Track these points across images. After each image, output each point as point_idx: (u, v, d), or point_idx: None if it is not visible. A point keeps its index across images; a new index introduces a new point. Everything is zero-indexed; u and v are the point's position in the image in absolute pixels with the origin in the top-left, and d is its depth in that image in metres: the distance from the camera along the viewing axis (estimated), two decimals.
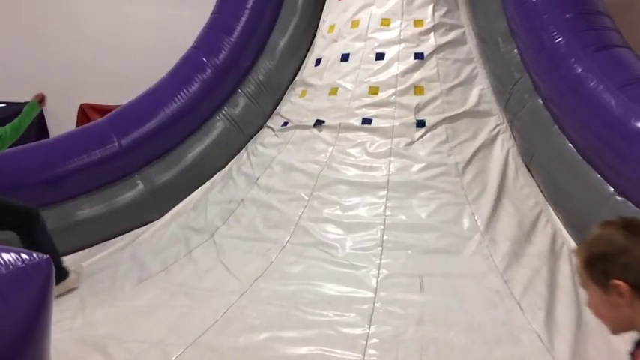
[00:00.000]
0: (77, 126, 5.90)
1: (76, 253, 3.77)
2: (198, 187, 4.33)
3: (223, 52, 4.39)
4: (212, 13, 4.68)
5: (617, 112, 3.00)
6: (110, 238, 3.92)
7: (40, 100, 3.45)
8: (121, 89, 5.95)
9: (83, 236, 3.87)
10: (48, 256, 1.47)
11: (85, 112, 6.07)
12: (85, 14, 6.45)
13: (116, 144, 3.98)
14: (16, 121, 3.30)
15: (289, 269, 3.13)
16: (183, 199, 4.26)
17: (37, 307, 1.46)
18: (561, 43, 3.47)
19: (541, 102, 3.67)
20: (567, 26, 3.50)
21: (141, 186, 4.07)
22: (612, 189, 3.02)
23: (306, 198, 3.54)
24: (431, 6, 4.26)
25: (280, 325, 2.63)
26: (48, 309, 1.50)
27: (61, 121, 6.14)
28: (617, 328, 1.36)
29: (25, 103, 3.43)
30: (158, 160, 4.19)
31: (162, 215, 4.11)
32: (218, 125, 4.40)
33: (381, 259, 3.05)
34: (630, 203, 2.90)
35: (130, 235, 3.98)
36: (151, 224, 4.06)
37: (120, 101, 5.38)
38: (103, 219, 3.93)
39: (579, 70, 3.30)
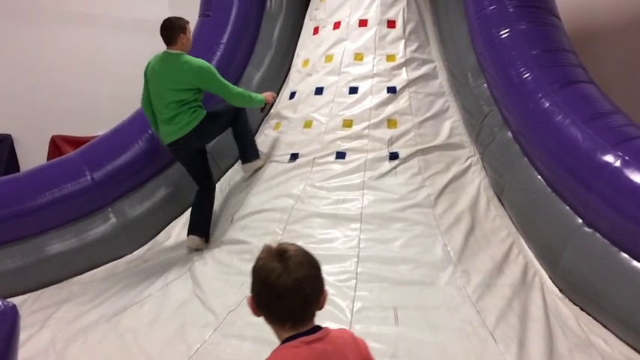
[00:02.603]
0: (49, 158, 5.84)
1: (47, 288, 3.70)
2: (172, 221, 4.31)
3: None
4: None
5: (583, 146, 3.10)
6: (81, 273, 3.86)
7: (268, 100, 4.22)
8: (93, 121, 5.95)
9: (53, 271, 3.80)
10: (14, 304, 1.46)
11: (57, 144, 6.01)
12: (57, 44, 6.42)
13: (88, 177, 3.94)
14: (245, 91, 4.04)
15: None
16: (157, 232, 4.23)
17: (2, 354, 1.43)
18: (529, 78, 3.58)
19: (510, 135, 3.77)
20: (534, 62, 3.62)
21: (113, 219, 4.02)
22: (581, 220, 3.09)
23: (280, 232, 3.53)
24: (402, 42, 4.37)
25: None
26: (13, 355, 1.47)
27: (32, 153, 6.08)
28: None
29: None
30: (132, 193, 4.15)
31: (135, 249, 4.07)
32: None
33: (355, 292, 3.04)
34: (598, 234, 2.97)
35: (102, 269, 3.92)
36: (125, 258, 4.02)
37: (93, 132, 5.36)
38: (74, 253, 3.88)
39: (547, 104, 3.40)
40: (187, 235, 3.92)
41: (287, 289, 1.39)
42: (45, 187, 3.86)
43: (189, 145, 3.91)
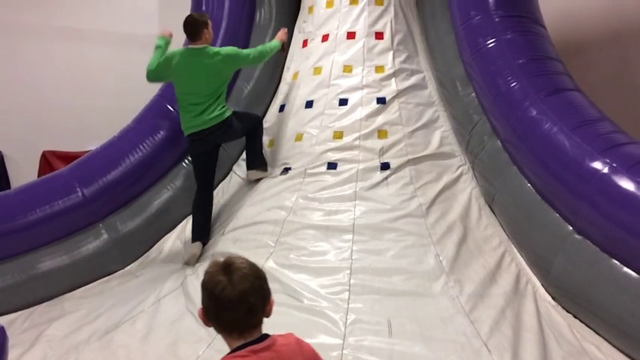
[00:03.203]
0: (39, 174, 5.81)
1: (38, 306, 3.67)
2: (165, 235, 4.29)
3: None
4: None
5: (571, 153, 3.12)
6: (73, 290, 3.84)
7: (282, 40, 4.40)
8: (85, 136, 5.93)
9: (45, 288, 3.77)
10: (1, 325, 1.44)
11: (48, 160, 5.99)
12: (48, 59, 6.42)
13: (79, 194, 3.92)
14: (260, 48, 4.22)
15: None
16: (149, 247, 4.21)
17: None
18: (516, 87, 3.61)
19: (500, 144, 3.79)
20: (521, 71, 3.65)
21: (105, 235, 4.00)
22: (571, 227, 3.11)
23: (272, 244, 3.53)
24: (391, 53, 4.40)
25: None
26: None
27: (23, 169, 6.06)
28: None
29: None
30: (123, 209, 4.14)
31: (127, 265, 4.05)
32: (184, 172, 4.39)
33: (348, 304, 3.04)
34: (589, 241, 2.99)
35: (94, 285, 3.89)
36: (117, 273, 3.99)
37: (84, 148, 5.35)
38: (66, 270, 3.84)
39: (534, 113, 3.43)
40: (192, 242, 3.97)
41: (231, 301, 1.46)
42: (36, 203, 3.84)
43: (212, 138, 4.04)
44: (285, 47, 4.61)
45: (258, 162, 4.24)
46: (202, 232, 4.02)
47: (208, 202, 4.12)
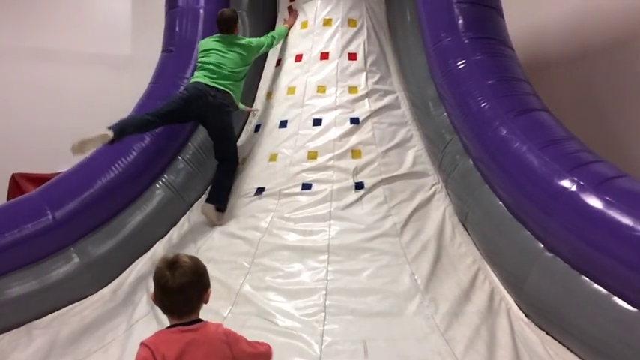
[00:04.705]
0: (9, 197, 5.68)
1: (6, 333, 3.57)
2: (138, 258, 4.22)
3: None
4: (150, 82, 4.70)
5: (540, 172, 3.19)
6: (43, 316, 3.74)
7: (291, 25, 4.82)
8: (55, 157, 5.81)
9: (13, 315, 3.66)
10: None
11: (18, 183, 5.86)
12: (18, 80, 6.34)
13: (50, 217, 3.84)
14: (273, 34, 4.72)
15: None
16: (122, 270, 4.13)
17: None
18: (486, 107, 3.68)
19: (472, 163, 3.85)
20: (491, 92, 3.73)
21: (76, 259, 3.91)
22: (542, 245, 3.16)
23: (247, 265, 3.51)
24: (364, 73, 4.46)
25: None
26: None
27: None
28: None
29: None
30: (95, 232, 4.06)
31: (99, 289, 3.95)
32: (158, 193, 4.33)
33: (324, 326, 3.03)
34: (559, 258, 3.04)
35: (64, 311, 3.80)
36: (88, 298, 3.91)
37: (55, 170, 5.26)
38: (35, 296, 3.74)
39: (504, 132, 3.50)
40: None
41: (172, 290, 1.86)
42: (4, 228, 3.74)
43: (213, 99, 4.15)
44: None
45: (220, 199, 4.18)
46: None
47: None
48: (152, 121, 4.07)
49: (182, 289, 1.86)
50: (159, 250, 4.13)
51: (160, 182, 4.36)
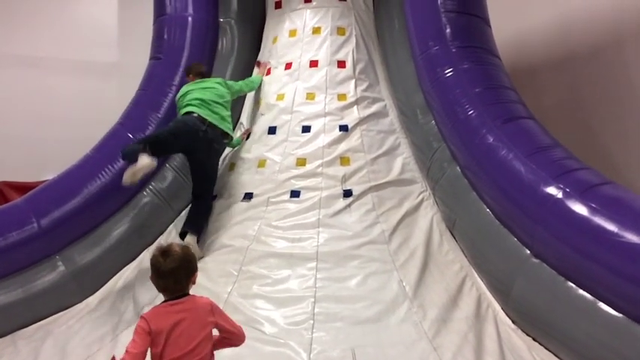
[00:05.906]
0: None
1: None
2: (125, 266, 4.18)
3: (150, 128, 4.37)
4: (138, 89, 4.68)
5: (527, 179, 3.22)
6: (27, 326, 3.69)
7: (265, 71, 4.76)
8: (41, 166, 5.78)
9: None
10: None
11: (2, 191, 5.77)
12: (2, 87, 6.26)
13: (35, 225, 3.80)
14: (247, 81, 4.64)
15: (219, 350, 3.02)
16: (109, 278, 4.09)
17: None
18: (473, 115, 3.71)
19: (459, 170, 3.87)
20: (478, 100, 3.76)
21: (62, 267, 3.87)
22: (528, 251, 3.18)
23: (235, 273, 3.49)
24: (352, 81, 4.48)
25: None
26: None
27: None
28: None
29: None
30: (81, 239, 4.02)
31: (85, 298, 3.91)
32: (145, 201, 4.31)
33: (312, 334, 3.02)
34: (545, 264, 3.06)
35: (49, 320, 3.75)
36: (74, 307, 3.86)
37: (40, 178, 5.20)
38: (20, 305, 3.69)
39: (491, 140, 3.53)
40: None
41: (164, 273, 2.21)
42: None
43: (206, 135, 4.03)
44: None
45: (196, 227, 4.03)
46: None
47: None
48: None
49: (173, 273, 2.20)
50: (146, 258, 4.09)
51: (148, 190, 4.34)
